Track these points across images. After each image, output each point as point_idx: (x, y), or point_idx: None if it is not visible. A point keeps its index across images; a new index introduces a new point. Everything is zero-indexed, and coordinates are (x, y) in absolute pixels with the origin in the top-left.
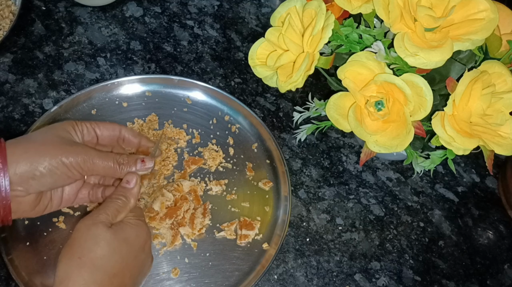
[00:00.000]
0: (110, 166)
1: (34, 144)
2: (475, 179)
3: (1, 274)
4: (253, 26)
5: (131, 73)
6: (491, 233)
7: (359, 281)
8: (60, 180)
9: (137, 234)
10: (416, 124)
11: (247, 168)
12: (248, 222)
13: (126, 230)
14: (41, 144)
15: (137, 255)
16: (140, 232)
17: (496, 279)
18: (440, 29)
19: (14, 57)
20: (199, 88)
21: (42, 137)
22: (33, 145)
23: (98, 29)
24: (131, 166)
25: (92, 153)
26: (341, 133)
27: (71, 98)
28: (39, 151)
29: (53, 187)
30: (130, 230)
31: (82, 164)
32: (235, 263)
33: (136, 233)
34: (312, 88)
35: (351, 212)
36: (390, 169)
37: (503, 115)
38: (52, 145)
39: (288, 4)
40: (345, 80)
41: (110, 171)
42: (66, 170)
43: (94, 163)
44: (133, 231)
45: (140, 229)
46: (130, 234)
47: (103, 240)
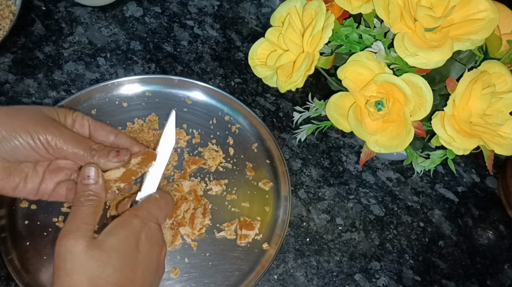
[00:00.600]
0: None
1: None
2: (475, 179)
3: (1, 274)
4: (253, 26)
5: (131, 73)
6: (491, 233)
7: (359, 281)
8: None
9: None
10: (416, 124)
11: (247, 168)
12: (248, 222)
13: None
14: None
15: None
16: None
17: (496, 279)
18: (440, 29)
19: (14, 57)
20: (199, 88)
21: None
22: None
23: (98, 29)
24: (103, 155)
25: (65, 132)
26: (341, 133)
27: (71, 98)
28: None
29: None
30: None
31: (50, 140)
32: (235, 263)
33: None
34: (312, 88)
35: (351, 212)
36: (390, 169)
37: (503, 115)
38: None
39: (288, 4)
40: (345, 80)
41: (79, 156)
42: (31, 142)
43: (63, 143)
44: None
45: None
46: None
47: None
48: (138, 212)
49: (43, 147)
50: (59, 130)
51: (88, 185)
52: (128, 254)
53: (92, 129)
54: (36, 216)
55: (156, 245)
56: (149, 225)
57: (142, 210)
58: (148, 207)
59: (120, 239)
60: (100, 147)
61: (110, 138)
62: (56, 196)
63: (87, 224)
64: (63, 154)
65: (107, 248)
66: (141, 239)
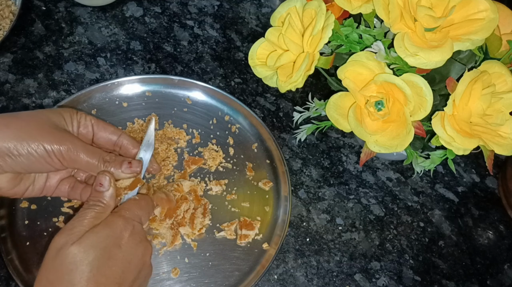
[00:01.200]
0: (94, 162)
1: (18, 121)
2: (475, 179)
3: (1, 274)
4: (253, 26)
5: (131, 73)
6: (491, 233)
7: (359, 281)
8: (37, 164)
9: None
10: (416, 124)
11: (247, 168)
12: (248, 222)
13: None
14: (26, 122)
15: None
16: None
17: (496, 279)
18: (440, 29)
19: (14, 57)
20: (199, 88)
21: (29, 116)
22: (17, 121)
23: (98, 29)
24: (116, 166)
25: (78, 144)
26: (341, 133)
27: (71, 98)
28: (22, 129)
29: (30, 170)
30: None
31: (64, 153)
32: (235, 263)
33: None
34: (312, 88)
35: (351, 212)
36: (390, 169)
37: (503, 115)
38: (37, 126)
39: (288, 4)
40: (345, 80)
41: (93, 167)
42: (46, 156)
43: (77, 155)
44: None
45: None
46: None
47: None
48: (121, 212)
49: (58, 161)
50: (72, 143)
51: (100, 192)
52: (107, 251)
53: (95, 129)
54: (36, 216)
55: (140, 244)
56: (133, 224)
57: (125, 210)
58: (130, 207)
59: (100, 237)
60: (112, 158)
61: (113, 138)
62: (59, 192)
63: (84, 226)
64: (77, 165)
65: (86, 245)
66: (125, 237)
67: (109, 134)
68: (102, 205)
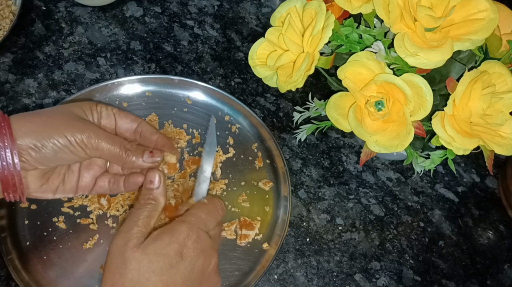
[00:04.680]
0: (116, 150)
1: (40, 116)
2: (475, 179)
3: (1, 274)
4: (253, 26)
5: (131, 73)
6: (491, 233)
7: (359, 281)
8: (62, 155)
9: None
10: (416, 124)
11: (247, 167)
12: (248, 222)
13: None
14: (47, 116)
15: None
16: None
17: (496, 279)
18: (440, 29)
19: (14, 57)
20: (199, 88)
21: (51, 111)
22: (39, 116)
23: (98, 29)
24: (138, 155)
25: (99, 132)
26: (341, 133)
27: (71, 98)
28: (44, 122)
29: (56, 161)
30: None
31: (86, 141)
32: (235, 263)
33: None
34: (312, 88)
35: (351, 212)
36: (390, 169)
37: (503, 115)
38: (59, 118)
39: (288, 4)
40: (345, 80)
41: (115, 155)
42: (69, 145)
43: (99, 143)
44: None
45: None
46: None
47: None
48: (186, 217)
49: (81, 148)
50: (93, 131)
51: (151, 189)
52: (170, 260)
53: (117, 118)
54: (36, 216)
55: (202, 254)
56: (198, 232)
57: (190, 216)
58: (196, 213)
59: (164, 244)
60: (133, 146)
61: (133, 126)
62: (99, 189)
63: (140, 227)
64: (99, 154)
65: (150, 252)
66: (187, 245)
67: (129, 122)
68: (153, 203)
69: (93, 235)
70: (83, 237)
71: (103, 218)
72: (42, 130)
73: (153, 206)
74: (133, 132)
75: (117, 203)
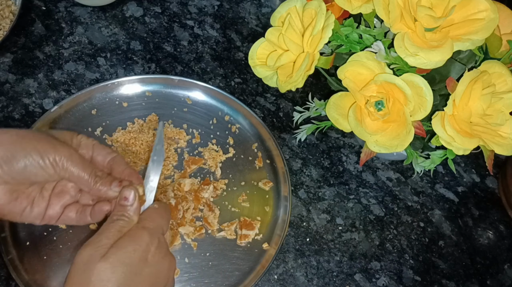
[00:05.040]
0: (85, 175)
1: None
2: (475, 179)
3: (1, 274)
4: (253, 26)
5: (131, 73)
6: (491, 233)
7: (359, 281)
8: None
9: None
10: (416, 124)
11: (247, 167)
12: (248, 222)
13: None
14: (26, 132)
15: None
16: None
17: (496, 279)
18: (440, 29)
19: (14, 57)
20: (199, 88)
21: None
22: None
23: (98, 29)
24: (106, 184)
25: (73, 154)
26: (341, 133)
27: (71, 98)
28: (19, 135)
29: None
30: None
31: (58, 160)
32: (235, 263)
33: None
34: (312, 88)
35: (351, 212)
36: (390, 169)
37: (503, 115)
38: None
39: (288, 4)
40: (345, 80)
41: (84, 180)
42: (40, 160)
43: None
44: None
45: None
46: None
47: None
48: (144, 224)
49: (51, 166)
50: (67, 151)
51: (125, 207)
52: (134, 267)
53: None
54: None
55: (165, 257)
56: (158, 237)
57: (148, 222)
58: (152, 218)
59: (127, 252)
60: (104, 175)
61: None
62: (66, 219)
63: (108, 239)
64: (68, 175)
65: (112, 261)
66: (151, 251)
67: (105, 154)
68: (126, 220)
69: (92, 235)
70: (83, 237)
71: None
72: (16, 142)
73: (125, 222)
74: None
75: None
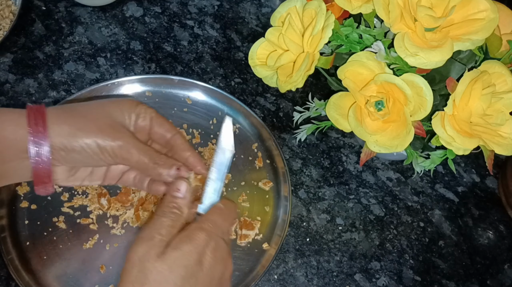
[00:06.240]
0: (144, 161)
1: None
2: (475, 179)
3: (1, 274)
4: (253, 26)
5: (131, 73)
6: (491, 233)
7: (359, 281)
8: (90, 160)
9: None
10: (416, 124)
11: (247, 167)
12: (248, 222)
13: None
14: (82, 117)
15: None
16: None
17: (496, 279)
18: (440, 29)
19: (14, 57)
20: (199, 88)
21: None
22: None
23: (98, 29)
24: (165, 168)
25: (131, 142)
26: (341, 133)
27: (71, 98)
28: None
29: (83, 164)
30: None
31: (116, 150)
32: (235, 263)
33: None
34: (312, 88)
35: (351, 212)
36: (390, 169)
37: (503, 115)
38: (93, 121)
39: (288, 4)
40: (345, 80)
41: (142, 166)
42: (99, 152)
43: (129, 153)
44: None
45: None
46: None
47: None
48: (203, 224)
49: (110, 157)
50: (126, 141)
51: (176, 198)
52: (190, 270)
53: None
54: (36, 216)
55: (221, 262)
56: (216, 240)
57: (208, 223)
58: (214, 219)
59: (184, 253)
60: (162, 160)
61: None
62: (123, 182)
63: (162, 235)
64: (127, 163)
65: (170, 262)
66: (206, 254)
67: (164, 130)
68: (177, 212)
69: (93, 235)
70: (83, 237)
71: (103, 218)
72: (74, 133)
73: (177, 215)
74: (165, 141)
75: (117, 203)
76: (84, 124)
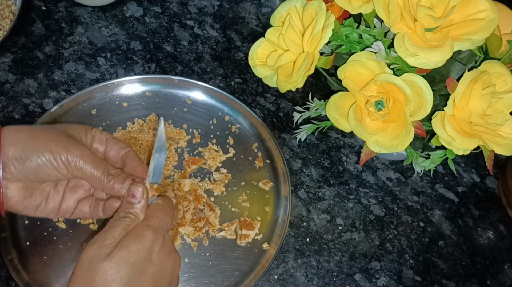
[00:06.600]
0: (98, 173)
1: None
2: (475, 179)
3: (1, 274)
4: (253, 26)
5: (131, 73)
6: (491, 233)
7: (359, 281)
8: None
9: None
10: (416, 124)
11: (247, 167)
12: (248, 222)
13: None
14: (39, 129)
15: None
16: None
17: (496, 279)
18: (440, 29)
19: (14, 57)
20: (199, 88)
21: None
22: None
23: (98, 29)
24: (119, 182)
25: (86, 153)
26: (341, 133)
27: (71, 98)
28: (33, 134)
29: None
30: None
31: (70, 160)
32: (235, 263)
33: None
34: (312, 88)
35: (351, 212)
36: (390, 169)
37: (503, 115)
38: (49, 133)
39: (288, 4)
40: (345, 80)
41: (96, 179)
42: (53, 160)
43: (83, 164)
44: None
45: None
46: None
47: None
48: (150, 222)
49: (64, 166)
50: (80, 151)
51: (132, 204)
52: (139, 267)
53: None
54: None
55: (170, 256)
56: (163, 235)
57: (153, 219)
58: (157, 215)
59: (130, 251)
60: (117, 172)
61: (121, 152)
62: (79, 213)
63: (115, 238)
64: (80, 174)
65: (117, 261)
66: (155, 250)
67: (119, 148)
68: (132, 217)
69: (93, 235)
70: (83, 237)
71: (103, 218)
72: (29, 141)
73: (131, 220)
74: (119, 159)
75: None
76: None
